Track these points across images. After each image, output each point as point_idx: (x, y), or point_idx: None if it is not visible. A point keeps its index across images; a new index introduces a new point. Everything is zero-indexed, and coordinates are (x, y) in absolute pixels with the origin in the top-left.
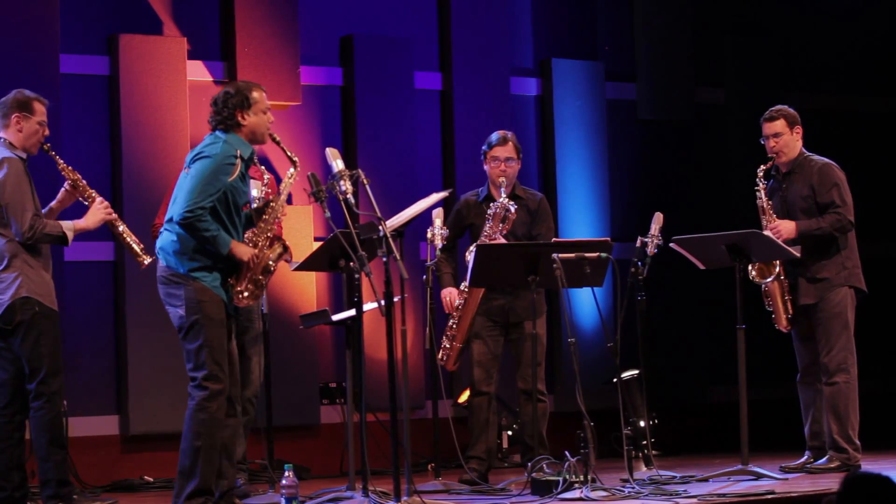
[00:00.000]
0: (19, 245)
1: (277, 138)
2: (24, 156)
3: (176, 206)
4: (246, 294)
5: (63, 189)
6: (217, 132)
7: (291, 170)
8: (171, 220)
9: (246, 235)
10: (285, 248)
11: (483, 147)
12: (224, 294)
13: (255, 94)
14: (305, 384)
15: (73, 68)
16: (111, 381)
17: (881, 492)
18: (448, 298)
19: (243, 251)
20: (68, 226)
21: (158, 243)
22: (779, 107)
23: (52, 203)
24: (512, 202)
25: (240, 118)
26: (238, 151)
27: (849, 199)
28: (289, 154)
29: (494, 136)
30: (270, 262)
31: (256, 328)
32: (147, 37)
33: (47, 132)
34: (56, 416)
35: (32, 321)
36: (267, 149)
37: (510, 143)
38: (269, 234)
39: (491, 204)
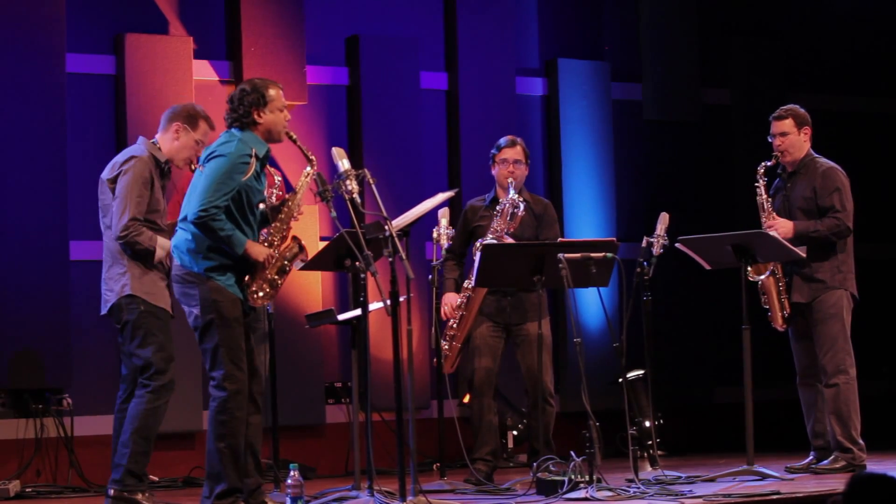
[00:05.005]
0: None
1: (294, 136)
2: (162, 160)
3: (190, 205)
4: (261, 294)
5: None
6: (232, 130)
7: (308, 168)
8: (184, 218)
9: (261, 235)
10: (301, 248)
11: (492, 150)
12: (240, 293)
13: (272, 92)
14: (311, 384)
15: (79, 67)
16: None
17: (887, 492)
18: (447, 308)
19: (258, 251)
20: (163, 244)
21: (173, 242)
22: (789, 106)
23: None
24: (521, 199)
25: (256, 116)
26: (253, 150)
27: (849, 205)
28: (306, 152)
29: (503, 140)
30: (286, 262)
31: (263, 327)
32: (153, 36)
33: (200, 153)
34: (153, 410)
35: (138, 320)
36: (276, 149)
37: (518, 146)
38: (284, 234)
39: (500, 201)
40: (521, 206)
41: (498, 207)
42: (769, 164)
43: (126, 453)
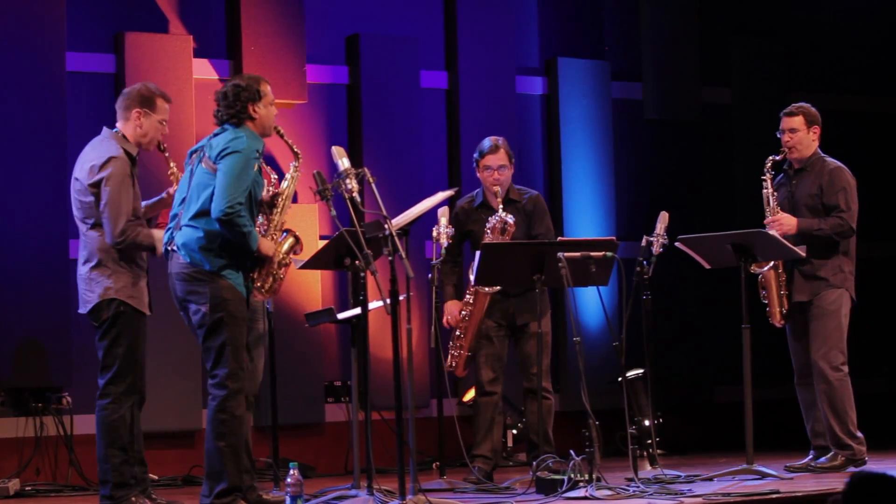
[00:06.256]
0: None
1: (281, 131)
2: (134, 152)
3: (214, 203)
4: (266, 288)
5: (163, 195)
6: (228, 126)
7: (294, 163)
8: (196, 215)
9: (258, 229)
10: (297, 240)
11: (475, 155)
12: (245, 292)
13: (264, 87)
14: (310, 382)
15: (80, 66)
16: None
17: (887, 492)
18: (449, 317)
19: (268, 246)
20: (157, 235)
21: (179, 239)
22: (801, 104)
23: (145, 204)
24: (510, 215)
25: (251, 111)
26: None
27: (854, 205)
28: (291, 146)
29: (486, 144)
30: (284, 255)
31: (260, 328)
32: (153, 35)
33: (166, 131)
34: (119, 418)
35: (115, 320)
36: (271, 146)
37: (501, 150)
38: (280, 227)
39: (489, 219)
40: (511, 220)
41: (488, 226)
42: (777, 158)
43: (107, 469)
